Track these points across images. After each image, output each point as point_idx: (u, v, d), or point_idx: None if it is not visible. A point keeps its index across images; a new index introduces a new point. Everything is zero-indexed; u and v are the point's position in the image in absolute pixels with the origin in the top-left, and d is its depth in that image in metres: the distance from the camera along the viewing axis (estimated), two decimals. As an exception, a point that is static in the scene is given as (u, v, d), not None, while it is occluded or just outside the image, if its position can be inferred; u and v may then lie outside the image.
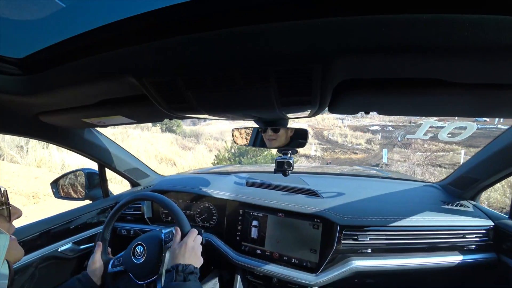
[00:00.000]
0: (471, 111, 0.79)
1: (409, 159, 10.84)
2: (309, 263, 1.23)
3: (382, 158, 12.60)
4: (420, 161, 10.31)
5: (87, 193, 1.58)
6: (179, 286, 0.83)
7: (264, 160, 8.53)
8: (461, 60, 0.47)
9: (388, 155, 12.41)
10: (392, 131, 22.11)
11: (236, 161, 8.72)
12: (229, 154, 9.11)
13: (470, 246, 1.19)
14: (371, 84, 0.63)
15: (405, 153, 12.60)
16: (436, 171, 9.88)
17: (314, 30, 0.44)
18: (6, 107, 0.90)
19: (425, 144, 12.34)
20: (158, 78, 0.62)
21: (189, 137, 19.46)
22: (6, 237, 0.45)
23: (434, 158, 10.37)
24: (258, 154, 8.82)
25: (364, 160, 13.12)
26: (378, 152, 13.58)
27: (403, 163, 11.45)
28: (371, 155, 13.78)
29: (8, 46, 0.65)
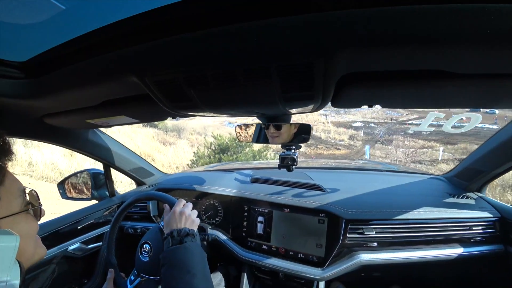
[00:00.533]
0: (475, 102, 0.78)
1: (391, 156, 10.81)
2: (315, 257, 1.23)
3: (364, 154, 12.59)
4: (402, 158, 10.29)
5: (93, 193, 1.60)
6: (177, 249, 0.82)
7: (245, 158, 8.09)
8: (465, 51, 0.46)
9: (370, 151, 12.40)
10: (374, 128, 22.30)
11: (216, 158, 8.28)
12: (209, 151, 8.64)
13: (476, 238, 1.19)
14: (374, 77, 0.63)
15: (386, 149, 12.60)
16: (417, 167, 9.90)
17: (315, 24, 0.44)
18: (11, 111, 0.91)
19: (406, 140, 12.33)
20: (160, 77, 0.62)
21: (171, 131, 18.89)
22: (16, 238, 0.46)
23: (415, 155, 10.36)
24: (239, 150, 8.46)
25: (346, 156, 13.12)
26: (361, 148, 13.57)
27: (385, 159, 11.44)
28: (353, 151, 13.75)
29: (10, 50, 0.65)
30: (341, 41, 0.46)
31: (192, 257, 0.82)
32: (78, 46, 0.62)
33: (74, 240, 1.36)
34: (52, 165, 8.87)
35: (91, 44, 0.60)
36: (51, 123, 1.09)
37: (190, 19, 0.49)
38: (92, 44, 0.60)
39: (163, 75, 0.61)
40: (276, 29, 0.45)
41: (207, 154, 8.55)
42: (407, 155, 10.12)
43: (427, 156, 11.10)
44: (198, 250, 0.86)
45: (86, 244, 1.42)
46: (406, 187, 1.45)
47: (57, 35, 0.59)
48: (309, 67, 0.53)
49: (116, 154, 1.56)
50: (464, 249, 1.16)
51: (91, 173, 1.60)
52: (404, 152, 10.47)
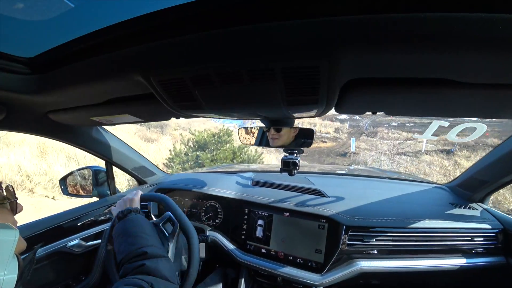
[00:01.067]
0: (481, 112, 0.78)
1: (376, 148, 10.74)
2: (314, 263, 1.22)
3: (350, 146, 12.51)
4: (388, 150, 10.25)
5: (95, 191, 1.60)
6: (121, 224, 0.89)
7: (223, 155, 7.53)
8: (471, 60, 0.46)
9: (356, 144, 12.33)
10: (359, 120, 22.12)
11: (193, 156, 7.68)
12: (186, 148, 8.01)
13: (478, 249, 1.17)
14: (379, 84, 0.62)
15: (371, 141, 12.47)
16: (402, 159, 9.88)
17: (321, 27, 0.44)
18: (17, 106, 0.92)
19: (390, 132, 12.24)
20: (165, 77, 0.62)
21: (155, 127, 17.87)
22: (16, 232, 0.46)
23: (400, 147, 10.30)
24: (218, 147, 7.90)
25: (332, 149, 12.99)
26: (346, 140, 13.42)
27: (370, 152, 11.37)
28: (339, 144, 13.61)
29: (18, 46, 0.66)
30: (347, 45, 0.46)
31: (137, 224, 0.88)
32: (85, 44, 0.62)
33: (73, 237, 1.36)
34: (17, 166, 7.84)
35: (98, 42, 0.61)
36: (55, 119, 1.10)
37: (196, 20, 0.50)
38: (99, 42, 0.61)
39: (168, 75, 0.62)
40: (281, 31, 0.46)
41: (185, 151, 7.93)
42: (393, 148, 10.03)
43: (411, 148, 11.03)
44: (142, 219, 0.92)
45: (85, 241, 1.42)
46: (408, 196, 1.44)
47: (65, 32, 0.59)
48: (314, 71, 0.53)
49: (118, 152, 1.56)
50: (465, 260, 1.14)
51: (93, 170, 1.60)
52: (390, 144, 10.36)
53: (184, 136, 8.43)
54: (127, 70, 0.64)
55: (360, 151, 11.89)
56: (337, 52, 0.47)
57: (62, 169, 7.72)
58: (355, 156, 11.21)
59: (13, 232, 0.46)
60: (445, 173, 8.50)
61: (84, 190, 1.63)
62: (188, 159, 7.61)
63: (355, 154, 11.59)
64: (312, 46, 0.47)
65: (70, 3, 0.47)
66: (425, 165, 9.46)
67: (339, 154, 12.07)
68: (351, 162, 10.74)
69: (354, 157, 11.27)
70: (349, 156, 11.72)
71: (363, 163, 10.18)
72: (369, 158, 10.48)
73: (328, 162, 10.76)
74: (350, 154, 11.87)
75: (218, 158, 7.43)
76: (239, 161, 7.62)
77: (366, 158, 10.56)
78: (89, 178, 1.61)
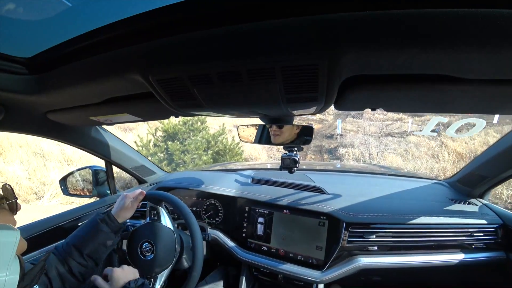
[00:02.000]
0: (480, 108, 0.78)
1: (364, 130, 10.50)
2: (315, 260, 1.23)
3: (336, 128, 12.34)
4: (375, 132, 10.05)
5: (95, 190, 1.60)
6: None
7: (195, 145, 6.59)
8: (471, 56, 0.46)
9: (342, 125, 12.19)
10: None
11: (162, 147, 6.75)
12: (154, 139, 7.00)
13: (478, 244, 1.18)
14: (378, 81, 0.62)
15: (358, 123, 12.21)
16: (389, 141, 9.75)
17: (320, 25, 0.44)
18: (15, 106, 0.92)
19: (376, 113, 12.09)
20: (163, 75, 0.62)
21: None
22: (17, 233, 0.46)
23: (387, 129, 10.13)
24: (191, 135, 6.94)
25: (319, 131, 12.64)
26: (333, 122, 13.06)
27: (357, 133, 11.21)
28: (325, 126, 13.26)
29: (16, 46, 0.66)
30: (346, 43, 0.46)
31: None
32: (83, 44, 0.62)
33: None
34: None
35: (96, 41, 0.60)
36: (54, 119, 1.09)
37: (195, 19, 0.49)
38: (97, 41, 0.60)
39: (166, 74, 0.61)
40: (281, 30, 0.46)
41: (153, 142, 6.94)
42: (381, 129, 9.87)
43: (397, 129, 10.92)
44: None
45: None
46: (408, 192, 1.44)
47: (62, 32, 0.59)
48: (313, 69, 0.53)
49: (118, 151, 1.56)
50: (465, 255, 1.15)
51: (92, 170, 1.60)
52: (377, 126, 10.16)
53: (150, 126, 7.60)
54: (126, 69, 0.64)
55: (347, 132, 11.73)
56: (337, 50, 0.47)
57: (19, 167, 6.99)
58: (342, 138, 11.02)
59: (14, 233, 0.46)
60: (433, 154, 8.42)
61: (84, 190, 1.63)
62: (156, 151, 6.69)
63: (342, 136, 11.42)
64: (311, 44, 0.47)
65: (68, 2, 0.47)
66: (413, 146, 9.29)
67: (325, 137, 11.88)
68: (338, 145, 10.51)
69: (340, 139, 11.08)
70: (335, 138, 11.50)
71: (350, 146, 10.05)
72: (356, 140, 10.35)
73: (315, 145, 10.52)
74: (336, 136, 11.66)
75: (189, 149, 6.61)
76: (215, 150, 6.83)
77: (353, 140, 10.43)
78: (89, 178, 1.61)
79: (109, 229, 0.95)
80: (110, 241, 0.95)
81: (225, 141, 7.08)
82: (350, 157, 9.40)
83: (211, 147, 6.95)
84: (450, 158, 7.94)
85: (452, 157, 7.96)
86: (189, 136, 7.01)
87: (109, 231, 0.95)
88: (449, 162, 7.66)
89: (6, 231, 0.45)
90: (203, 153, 6.66)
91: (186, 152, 6.58)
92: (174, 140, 6.85)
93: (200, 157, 6.55)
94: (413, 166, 7.75)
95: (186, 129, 6.88)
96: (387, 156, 8.79)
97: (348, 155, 9.48)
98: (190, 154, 6.53)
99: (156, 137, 7.07)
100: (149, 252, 1.07)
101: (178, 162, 6.56)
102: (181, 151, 6.61)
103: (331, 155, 10.13)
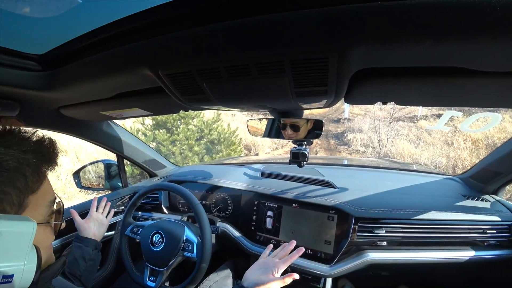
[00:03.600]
0: (497, 102, 0.75)
1: (373, 114, 9.93)
2: (323, 254, 1.23)
3: (343, 112, 11.96)
4: (385, 117, 9.43)
5: (107, 184, 1.64)
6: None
7: (184, 134, 6.03)
8: (488, 47, 0.44)
9: (350, 109, 11.76)
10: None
11: (150, 136, 6.20)
12: (143, 128, 6.41)
13: (490, 241, 1.16)
14: (389, 73, 0.61)
15: (365, 106, 11.55)
16: (399, 125, 9.29)
17: (330, 18, 0.43)
18: (29, 102, 0.94)
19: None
20: (173, 70, 0.62)
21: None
22: (34, 224, 0.48)
23: (394, 112, 9.57)
24: (179, 124, 6.35)
25: (325, 115, 12.23)
26: (339, 106, 12.53)
27: (365, 117, 10.82)
28: (332, 110, 12.78)
29: (29, 43, 0.67)
30: (356, 35, 0.45)
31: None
32: (93, 39, 0.63)
33: None
34: None
35: (105, 37, 0.61)
36: (67, 114, 1.12)
37: (204, 13, 0.49)
38: (107, 37, 0.61)
39: (176, 68, 0.62)
40: (290, 23, 0.45)
41: (142, 131, 6.39)
42: (392, 114, 9.32)
43: (406, 113, 10.48)
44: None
45: None
46: (418, 187, 1.42)
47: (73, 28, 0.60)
48: (323, 62, 0.52)
49: (129, 145, 1.59)
50: (477, 252, 1.13)
51: (105, 163, 1.64)
52: (387, 110, 9.59)
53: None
54: (136, 64, 0.64)
55: (354, 117, 11.35)
56: (347, 42, 0.46)
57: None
58: (349, 123, 10.64)
59: (31, 224, 0.48)
60: (446, 140, 8.09)
61: (96, 183, 1.67)
62: (146, 140, 5.99)
63: (349, 120, 11.06)
64: (320, 37, 0.46)
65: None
66: (424, 131, 8.91)
67: (332, 121, 11.55)
68: (345, 129, 10.15)
69: (348, 123, 10.72)
70: (342, 122, 11.16)
71: (358, 131, 9.69)
72: (364, 125, 9.92)
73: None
74: (343, 120, 11.32)
75: (177, 139, 6.08)
76: (210, 139, 6.35)
77: (361, 125, 10.02)
78: (101, 172, 1.65)
79: (86, 246, 1.07)
80: (88, 255, 1.05)
81: (220, 129, 6.54)
82: (358, 142, 9.10)
83: (205, 136, 6.48)
84: (466, 145, 7.58)
85: (468, 144, 7.60)
86: (178, 124, 6.43)
87: (86, 247, 1.07)
88: (465, 150, 7.32)
89: (23, 222, 0.47)
90: (194, 143, 6.14)
91: (176, 142, 6.12)
92: (159, 129, 6.28)
93: (190, 148, 6.08)
94: (427, 154, 7.41)
95: (174, 118, 6.33)
96: (398, 143, 8.45)
97: (356, 141, 9.18)
98: (179, 144, 6.08)
99: (145, 126, 6.51)
100: (159, 243, 1.10)
101: (167, 153, 6.00)
102: (171, 142, 6.12)
103: (338, 140, 9.84)
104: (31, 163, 0.50)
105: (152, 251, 1.10)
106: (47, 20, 0.55)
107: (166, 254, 1.09)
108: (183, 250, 1.10)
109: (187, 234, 1.13)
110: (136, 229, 1.22)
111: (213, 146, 6.43)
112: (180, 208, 1.63)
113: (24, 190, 0.50)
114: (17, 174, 0.48)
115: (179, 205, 1.63)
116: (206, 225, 1.10)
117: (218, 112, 6.68)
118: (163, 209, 1.62)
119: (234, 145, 6.57)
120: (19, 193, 0.49)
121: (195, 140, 6.24)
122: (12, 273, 0.44)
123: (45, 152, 0.54)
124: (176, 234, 1.12)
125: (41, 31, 0.61)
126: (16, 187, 0.48)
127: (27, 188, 0.50)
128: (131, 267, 1.18)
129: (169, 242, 1.10)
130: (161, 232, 1.13)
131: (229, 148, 6.46)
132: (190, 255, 1.10)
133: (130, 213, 1.28)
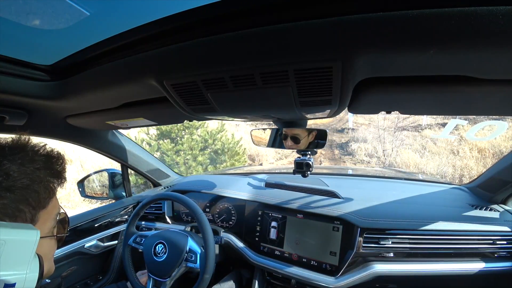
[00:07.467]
0: (503, 110, 0.75)
1: (377, 123, 9.99)
2: (328, 265, 1.21)
3: (347, 122, 11.94)
4: (388, 126, 9.52)
5: (111, 193, 1.64)
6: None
7: (188, 144, 6.08)
8: (492, 56, 0.44)
9: (354, 119, 11.74)
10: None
11: (154, 146, 6.22)
12: (148, 137, 6.49)
13: (501, 253, 1.12)
14: (393, 82, 0.61)
15: (369, 116, 11.54)
16: (404, 135, 9.27)
17: (334, 28, 0.43)
18: (37, 111, 0.95)
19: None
20: (177, 80, 0.63)
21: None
22: (37, 233, 0.48)
23: (399, 122, 9.50)
24: (183, 134, 6.38)
25: (329, 125, 12.19)
26: (344, 115, 12.57)
27: (369, 127, 10.79)
28: (336, 119, 12.83)
29: (38, 54, 0.69)
30: (360, 45, 0.45)
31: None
32: (101, 50, 0.64)
33: (90, 238, 1.40)
34: None
35: (112, 48, 0.62)
36: (73, 124, 1.13)
37: (208, 24, 0.50)
38: (113, 48, 0.62)
39: (180, 79, 0.62)
40: (294, 33, 0.45)
41: (146, 141, 6.46)
42: (396, 124, 9.35)
43: (410, 122, 10.39)
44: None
45: (102, 242, 1.45)
46: (425, 197, 1.40)
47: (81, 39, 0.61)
48: (327, 71, 0.52)
49: (133, 155, 1.60)
50: (487, 264, 1.10)
51: (109, 173, 1.64)
52: (391, 120, 9.62)
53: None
54: (141, 74, 0.65)
55: (358, 126, 11.35)
56: (351, 52, 0.46)
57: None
58: (353, 133, 10.67)
59: (34, 233, 0.48)
60: (452, 149, 7.99)
61: (100, 193, 1.67)
62: (151, 150, 6.09)
63: (353, 130, 11.07)
64: (325, 47, 0.46)
65: (86, 12, 0.49)
66: (429, 141, 8.84)
67: (336, 131, 11.57)
68: (349, 139, 10.16)
69: (352, 133, 10.74)
70: (346, 132, 11.17)
71: (362, 140, 9.66)
72: (368, 134, 9.92)
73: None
74: (348, 130, 11.33)
75: (181, 149, 6.14)
76: (214, 149, 6.40)
77: (365, 134, 10.03)
78: (105, 181, 1.65)
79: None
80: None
81: (224, 139, 6.61)
82: (362, 152, 9.06)
83: (209, 146, 6.55)
84: (472, 154, 7.49)
85: (474, 153, 7.50)
86: (182, 134, 6.51)
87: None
88: (472, 159, 7.24)
89: (26, 230, 0.47)
90: (198, 153, 6.23)
91: (180, 152, 6.22)
92: (164, 139, 6.42)
93: (194, 158, 6.17)
94: (433, 163, 7.34)
95: (179, 128, 6.42)
96: (403, 152, 8.42)
97: (361, 150, 9.16)
98: (183, 154, 6.18)
99: (150, 136, 6.59)
100: (161, 253, 1.09)
101: (171, 163, 6.07)
102: (175, 152, 6.22)
103: (342, 150, 9.84)
104: (43, 180, 0.52)
105: (155, 261, 1.09)
106: (56, 31, 0.56)
107: (169, 265, 1.08)
108: (186, 260, 1.09)
109: (190, 244, 1.12)
110: (139, 239, 1.21)
111: (217, 156, 6.46)
112: (184, 218, 1.62)
113: (36, 207, 0.51)
114: (30, 192, 0.49)
115: (182, 215, 1.62)
116: (210, 236, 1.09)
117: (222, 122, 6.72)
118: (167, 219, 1.61)
119: (238, 155, 6.61)
120: (32, 209, 0.50)
121: (199, 150, 6.31)
122: (14, 282, 0.44)
123: (55, 168, 0.56)
124: (179, 245, 1.11)
125: (50, 42, 0.63)
126: (29, 204, 0.50)
127: (39, 204, 0.52)
128: (134, 278, 1.17)
129: (172, 253, 1.09)
130: (164, 242, 1.12)
131: (233, 158, 6.50)
132: (193, 265, 1.09)
133: (134, 222, 1.27)
